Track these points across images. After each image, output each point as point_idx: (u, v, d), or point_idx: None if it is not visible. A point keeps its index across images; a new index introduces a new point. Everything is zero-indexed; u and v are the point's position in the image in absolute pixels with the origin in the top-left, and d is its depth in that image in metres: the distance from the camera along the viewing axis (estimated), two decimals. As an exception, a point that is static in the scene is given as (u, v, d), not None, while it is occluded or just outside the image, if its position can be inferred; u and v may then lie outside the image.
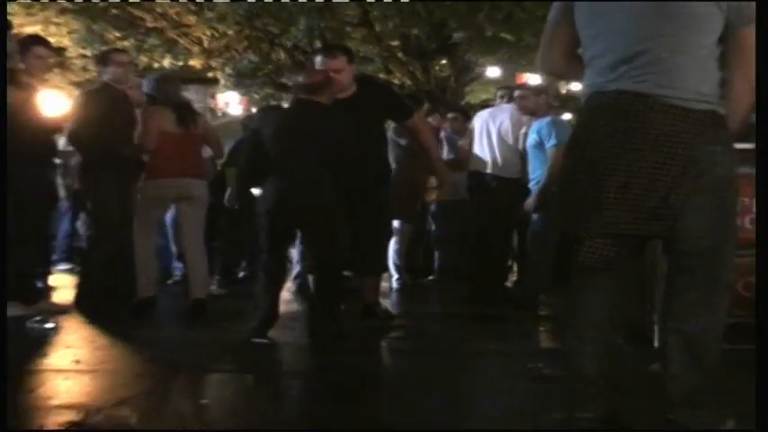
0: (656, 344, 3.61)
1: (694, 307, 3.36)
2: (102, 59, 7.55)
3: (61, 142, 8.01)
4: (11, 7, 14.51)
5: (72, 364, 4.88)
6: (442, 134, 9.95)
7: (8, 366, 3.75)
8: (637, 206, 3.29)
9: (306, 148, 5.86)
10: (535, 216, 7.69)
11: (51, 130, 7.02)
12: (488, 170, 8.22)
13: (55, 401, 4.00)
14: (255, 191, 9.34)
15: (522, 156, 8.02)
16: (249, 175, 6.67)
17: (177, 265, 9.78)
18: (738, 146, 4.60)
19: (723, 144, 3.35)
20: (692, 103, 3.28)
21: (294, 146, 5.90)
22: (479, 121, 8.53)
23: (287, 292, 8.48)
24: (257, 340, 5.71)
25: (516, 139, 8.12)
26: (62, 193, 9.66)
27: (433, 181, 7.91)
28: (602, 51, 3.43)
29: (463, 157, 8.90)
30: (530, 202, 7.63)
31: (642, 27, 3.33)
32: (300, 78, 6.24)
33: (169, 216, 9.44)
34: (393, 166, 7.70)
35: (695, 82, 3.30)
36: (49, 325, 6.04)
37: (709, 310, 3.38)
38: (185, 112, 7.20)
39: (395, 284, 9.02)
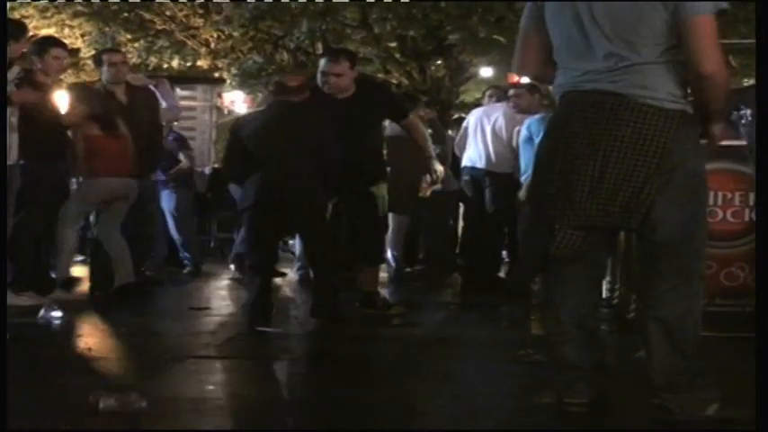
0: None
1: (670, 296, 3.36)
2: (97, 60, 7.54)
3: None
4: (26, 10, 14.52)
5: (84, 351, 4.86)
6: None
7: (9, 365, 3.70)
8: (609, 199, 3.29)
9: (283, 146, 5.90)
10: (526, 208, 7.67)
11: (64, 126, 7.00)
12: (482, 166, 8.21)
13: (67, 387, 3.98)
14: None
15: (515, 152, 8.00)
16: (230, 175, 6.73)
17: (186, 255, 9.72)
18: (723, 143, 4.56)
19: (693, 141, 3.37)
20: (666, 102, 3.29)
21: (272, 144, 5.93)
22: (473, 118, 8.52)
23: (289, 282, 8.49)
24: (263, 329, 5.68)
25: (510, 136, 8.11)
26: (74, 187, 9.62)
27: (428, 176, 7.90)
28: (574, 54, 3.42)
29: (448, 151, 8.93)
30: (521, 194, 7.61)
31: (610, 32, 3.31)
32: (277, 80, 6.31)
33: (167, 208, 9.41)
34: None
35: (667, 83, 3.31)
36: (62, 314, 6.00)
37: (685, 298, 3.38)
38: (108, 118, 7.11)
39: (392, 274, 8.98)
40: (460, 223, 9.54)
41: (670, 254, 3.36)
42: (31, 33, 8.52)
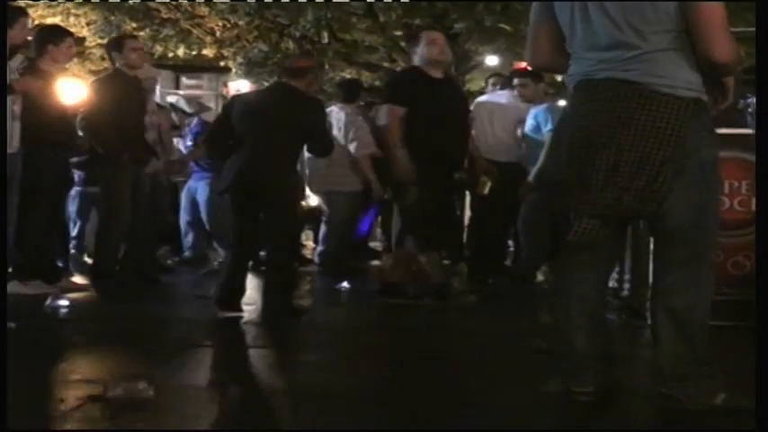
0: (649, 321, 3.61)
1: (681, 284, 3.36)
2: (116, 45, 7.38)
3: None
4: (32, -2, 14.50)
5: (90, 340, 4.86)
6: None
7: (14, 355, 3.71)
8: (624, 188, 3.27)
9: (271, 129, 5.71)
10: (530, 196, 7.66)
11: (70, 116, 6.99)
12: (486, 155, 8.19)
13: (75, 376, 3.98)
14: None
15: (519, 141, 7.99)
16: (206, 149, 6.64)
17: (219, 245, 9.66)
18: (730, 131, 4.54)
19: (707, 129, 3.35)
20: (681, 90, 3.27)
21: (260, 125, 5.73)
22: (477, 107, 8.49)
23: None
24: (224, 314, 5.65)
25: (514, 125, 8.09)
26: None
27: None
28: (585, 43, 3.41)
29: None
30: (528, 183, 7.61)
31: (622, 21, 3.29)
32: (287, 62, 6.21)
33: (202, 199, 9.38)
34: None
35: (681, 70, 3.29)
36: (68, 302, 6.00)
37: (695, 286, 3.38)
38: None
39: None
40: (467, 212, 9.53)
41: (680, 243, 3.35)
42: (36, 22, 8.50)
